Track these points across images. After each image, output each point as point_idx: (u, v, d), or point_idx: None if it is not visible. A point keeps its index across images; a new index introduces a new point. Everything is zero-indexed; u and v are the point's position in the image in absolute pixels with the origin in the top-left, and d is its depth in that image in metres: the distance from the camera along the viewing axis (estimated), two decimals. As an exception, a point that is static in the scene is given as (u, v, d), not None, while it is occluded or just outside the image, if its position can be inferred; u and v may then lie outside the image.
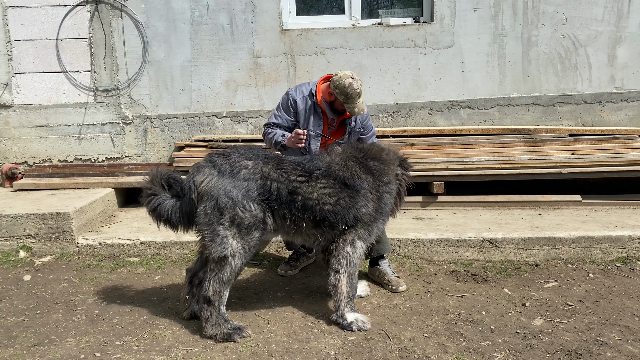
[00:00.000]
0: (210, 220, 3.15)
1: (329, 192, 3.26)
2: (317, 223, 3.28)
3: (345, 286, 3.32)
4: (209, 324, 3.16)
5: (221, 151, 3.39)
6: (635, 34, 6.01)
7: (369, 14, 6.30)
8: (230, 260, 3.15)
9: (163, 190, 3.33)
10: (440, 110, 6.13)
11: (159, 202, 3.27)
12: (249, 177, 3.17)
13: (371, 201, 3.33)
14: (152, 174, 3.35)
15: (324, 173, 3.30)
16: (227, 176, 3.16)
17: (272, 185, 3.20)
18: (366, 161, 3.43)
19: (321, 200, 3.24)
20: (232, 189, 3.13)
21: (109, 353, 3.04)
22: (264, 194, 3.19)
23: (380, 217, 3.42)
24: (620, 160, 5.29)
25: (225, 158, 3.25)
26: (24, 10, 5.98)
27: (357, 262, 3.39)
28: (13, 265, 4.50)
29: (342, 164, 3.36)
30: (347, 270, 3.33)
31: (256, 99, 6.13)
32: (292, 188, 3.22)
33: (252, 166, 3.21)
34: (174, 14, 6.01)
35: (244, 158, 3.24)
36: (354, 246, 3.35)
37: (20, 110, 6.13)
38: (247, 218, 3.14)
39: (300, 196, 3.22)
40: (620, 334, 3.14)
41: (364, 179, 3.33)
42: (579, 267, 4.21)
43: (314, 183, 3.26)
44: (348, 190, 3.28)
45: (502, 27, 6.02)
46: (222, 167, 3.19)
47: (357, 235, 3.35)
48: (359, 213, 3.30)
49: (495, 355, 2.94)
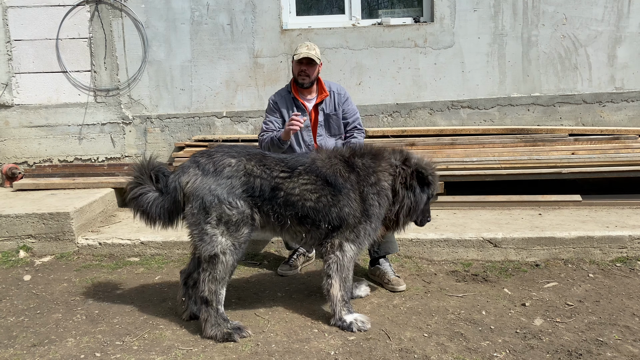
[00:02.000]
0: (197, 219, 3.16)
1: (310, 188, 3.23)
2: (300, 220, 3.27)
3: (338, 290, 3.30)
4: (209, 325, 3.15)
5: (205, 150, 3.40)
6: (635, 34, 6.01)
7: (369, 14, 6.30)
8: (221, 258, 3.15)
9: (150, 181, 3.32)
10: (440, 110, 6.13)
11: (142, 192, 3.28)
12: (232, 175, 3.18)
13: (354, 201, 3.27)
14: (141, 163, 3.35)
15: (307, 169, 3.28)
16: (211, 175, 3.17)
17: (256, 181, 3.20)
18: (353, 159, 3.36)
19: (303, 196, 3.22)
20: (217, 187, 3.14)
21: (109, 353, 3.04)
22: (247, 190, 3.19)
23: (366, 219, 3.30)
24: (620, 160, 5.29)
25: (209, 157, 3.25)
26: (24, 10, 5.98)
27: (349, 264, 3.34)
28: (13, 265, 4.50)
29: (326, 160, 3.33)
30: (338, 274, 3.30)
31: (256, 98, 6.13)
32: (275, 184, 3.22)
33: (235, 163, 3.21)
34: (174, 14, 6.01)
35: (227, 156, 3.24)
36: (342, 250, 3.31)
37: (20, 110, 6.13)
38: (235, 215, 3.15)
39: (282, 192, 3.21)
40: (620, 334, 3.14)
41: (346, 178, 3.28)
42: (579, 267, 4.21)
43: (296, 179, 3.24)
44: (330, 188, 3.25)
45: (502, 27, 6.02)
46: (205, 166, 3.20)
47: (344, 238, 3.31)
48: (342, 213, 3.25)
49: (495, 355, 2.94)
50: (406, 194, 3.39)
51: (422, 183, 3.42)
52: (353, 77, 6.09)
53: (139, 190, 3.28)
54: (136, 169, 3.35)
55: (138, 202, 3.28)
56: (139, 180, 3.31)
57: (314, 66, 4.14)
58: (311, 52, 4.11)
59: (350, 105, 4.33)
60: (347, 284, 3.35)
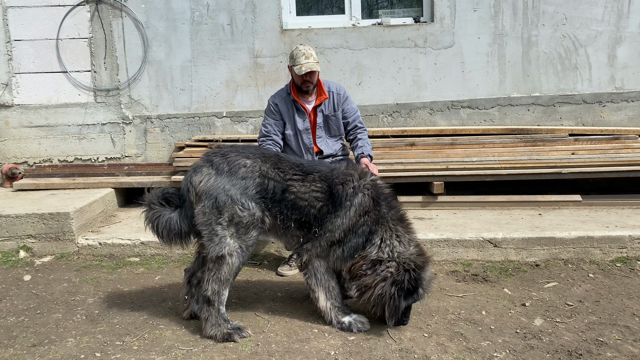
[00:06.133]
0: (209, 219, 3.13)
1: (318, 195, 3.20)
2: (301, 225, 3.24)
3: (324, 301, 3.28)
4: (209, 324, 3.15)
5: (218, 150, 3.37)
6: (635, 34, 6.01)
7: (369, 14, 6.30)
8: (228, 260, 3.13)
9: (163, 207, 3.30)
10: (440, 110, 6.13)
11: (168, 218, 3.25)
12: (247, 176, 3.15)
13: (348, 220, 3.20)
14: (146, 199, 3.31)
15: (322, 177, 3.25)
16: (225, 175, 3.14)
17: (270, 184, 3.18)
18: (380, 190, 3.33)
19: (310, 202, 3.19)
20: (231, 188, 3.11)
21: (109, 353, 3.04)
22: (261, 192, 3.17)
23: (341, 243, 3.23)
24: (620, 160, 5.29)
25: (223, 157, 3.22)
26: (24, 10, 5.98)
27: (323, 277, 3.27)
28: (13, 265, 4.50)
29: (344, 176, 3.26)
30: (318, 286, 3.27)
31: (256, 99, 6.13)
32: (286, 186, 3.19)
33: (250, 164, 3.19)
34: (174, 14, 6.01)
35: (242, 156, 3.22)
36: (313, 265, 3.27)
37: (20, 110, 6.13)
38: (246, 217, 3.13)
39: (292, 195, 3.18)
40: (620, 334, 3.14)
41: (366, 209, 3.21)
42: (579, 267, 4.21)
43: (309, 184, 3.22)
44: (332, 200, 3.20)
45: (502, 27, 6.02)
46: (220, 165, 3.17)
47: (314, 255, 3.25)
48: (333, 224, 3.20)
49: (495, 355, 2.94)
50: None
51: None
52: (353, 77, 6.09)
53: (163, 218, 3.25)
54: (146, 205, 3.31)
55: (168, 227, 3.23)
56: (156, 211, 3.27)
57: (315, 73, 4.13)
58: (310, 60, 4.05)
59: (350, 104, 4.34)
60: (333, 291, 3.30)
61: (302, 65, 4.03)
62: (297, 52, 4.10)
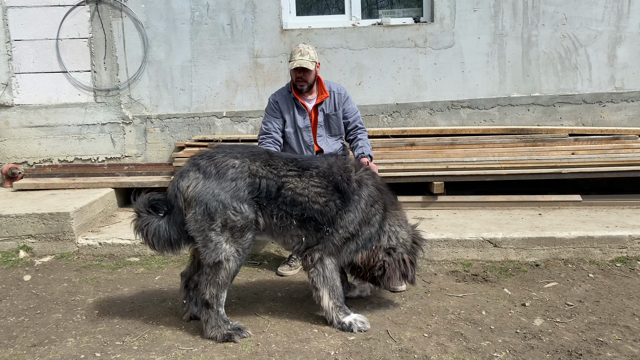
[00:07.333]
0: (202, 226, 3.06)
1: (319, 191, 3.17)
2: (303, 222, 3.19)
3: (328, 300, 3.26)
4: (209, 326, 3.14)
5: (204, 152, 3.25)
6: (635, 34, 6.01)
7: (369, 14, 6.30)
8: (225, 265, 3.08)
9: (150, 215, 3.22)
10: (440, 110, 6.14)
11: (157, 225, 3.16)
12: (237, 177, 3.06)
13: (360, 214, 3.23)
14: (134, 206, 3.24)
15: (320, 173, 3.22)
16: (213, 178, 3.04)
17: (262, 182, 3.11)
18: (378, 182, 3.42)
19: (311, 198, 3.15)
20: (221, 192, 3.03)
21: (109, 353, 3.04)
22: (253, 192, 3.09)
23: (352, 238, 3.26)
24: (620, 160, 5.29)
25: (210, 159, 3.12)
26: (24, 10, 5.98)
27: (330, 275, 3.26)
28: (13, 265, 4.50)
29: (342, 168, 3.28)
30: (324, 286, 3.25)
31: (256, 98, 6.13)
32: (281, 183, 3.14)
33: (239, 165, 3.10)
34: (174, 14, 6.01)
35: (229, 157, 3.12)
36: (323, 263, 3.25)
37: (20, 110, 6.13)
38: (239, 220, 3.06)
39: (290, 191, 3.13)
40: (620, 334, 3.14)
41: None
42: (579, 267, 4.21)
43: (307, 179, 3.18)
44: (339, 194, 3.19)
45: (502, 27, 6.02)
46: (207, 169, 3.07)
47: (325, 252, 3.24)
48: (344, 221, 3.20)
49: (495, 355, 2.94)
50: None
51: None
52: (353, 77, 6.09)
53: (151, 226, 3.17)
54: (135, 214, 3.25)
55: (158, 235, 3.16)
56: (145, 220, 3.20)
57: (309, 72, 4.13)
58: (304, 58, 4.07)
59: (350, 105, 4.35)
60: (336, 291, 3.28)
61: (294, 61, 4.09)
62: (295, 48, 4.18)
